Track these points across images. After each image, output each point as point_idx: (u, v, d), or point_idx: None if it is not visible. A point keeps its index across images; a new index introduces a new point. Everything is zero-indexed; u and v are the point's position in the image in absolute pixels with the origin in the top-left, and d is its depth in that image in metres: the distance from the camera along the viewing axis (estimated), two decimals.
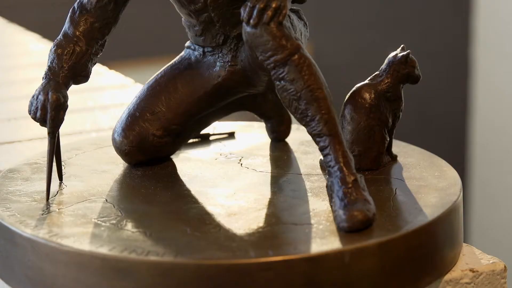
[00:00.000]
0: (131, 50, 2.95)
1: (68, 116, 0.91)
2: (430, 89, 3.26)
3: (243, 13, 0.83)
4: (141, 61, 3.03)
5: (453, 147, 3.45)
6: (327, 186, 0.82)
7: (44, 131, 0.90)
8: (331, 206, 0.81)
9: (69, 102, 0.90)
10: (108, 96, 1.49)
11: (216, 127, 1.07)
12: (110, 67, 1.71)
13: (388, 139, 0.94)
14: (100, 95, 1.48)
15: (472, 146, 3.42)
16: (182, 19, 0.96)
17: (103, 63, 1.64)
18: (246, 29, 0.83)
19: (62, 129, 0.91)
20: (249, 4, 0.82)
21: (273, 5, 0.82)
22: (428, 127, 3.42)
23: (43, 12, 2.87)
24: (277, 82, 0.83)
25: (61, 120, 0.89)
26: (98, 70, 1.60)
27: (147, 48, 3.06)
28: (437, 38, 3.42)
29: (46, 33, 2.03)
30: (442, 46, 3.43)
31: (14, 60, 1.82)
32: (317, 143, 0.82)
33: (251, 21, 0.82)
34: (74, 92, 0.95)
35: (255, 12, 0.82)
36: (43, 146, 1.16)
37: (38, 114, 0.89)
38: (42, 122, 0.89)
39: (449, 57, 3.44)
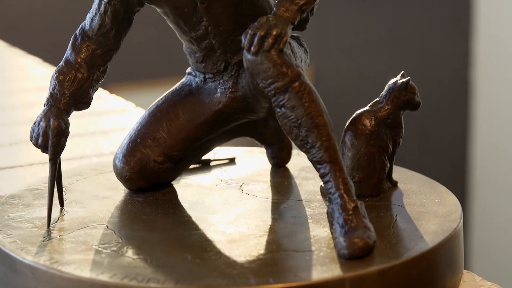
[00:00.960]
0: (132, 73, 2.95)
1: (69, 141, 0.91)
2: (430, 112, 3.26)
3: (244, 40, 0.83)
4: (142, 83, 3.03)
5: (454, 170, 3.45)
6: (327, 213, 0.82)
7: (45, 156, 0.90)
8: (332, 233, 0.81)
9: (70, 127, 0.91)
10: (109, 120, 1.49)
11: (216, 153, 1.08)
12: (111, 90, 1.72)
13: (389, 165, 0.94)
14: (101, 120, 1.49)
15: (472, 170, 3.42)
16: (183, 45, 0.96)
17: (104, 87, 1.64)
18: (247, 56, 0.83)
19: (63, 154, 0.91)
20: (250, 31, 0.83)
21: (274, 33, 0.82)
22: (429, 150, 3.42)
23: (44, 35, 2.88)
24: (278, 109, 0.83)
25: (62, 147, 0.89)
26: (99, 95, 1.61)
27: (148, 71, 3.06)
28: (437, 61, 3.42)
29: (47, 57, 2.04)
30: (442, 69, 3.43)
31: (15, 84, 1.82)
32: (317, 170, 0.82)
33: (252, 48, 0.82)
34: (75, 117, 0.96)
35: (255, 40, 0.82)
36: (44, 171, 1.17)
37: (40, 140, 0.89)
38: (44, 149, 0.89)
39: (449, 80, 3.44)
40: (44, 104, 0.91)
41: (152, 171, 0.95)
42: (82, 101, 0.93)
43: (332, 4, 3.18)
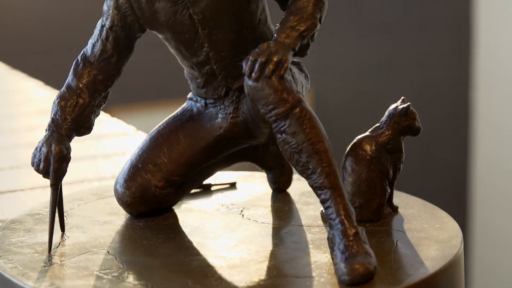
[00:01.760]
0: (133, 95, 2.96)
1: (70, 165, 0.92)
2: (431, 133, 3.27)
3: (245, 66, 0.84)
4: (143, 105, 3.04)
5: (454, 191, 3.45)
6: (328, 239, 0.82)
7: (46, 180, 0.91)
8: (332, 258, 0.81)
9: (71, 150, 0.91)
10: (110, 144, 1.50)
11: (217, 177, 1.08)
12: (112, 113, 1.72)
13: (389, 190, 0.94)
14: (102, 143, 1.49)
15: (473, 191, 3.42)
16: (185, 71, 0.97)
17: (105, 110, 1.65)
18: (248, 82, 0.84)
19: (64, 178, 0.91)
20: (250, 57, 0.83)
21: (275, 59, 0.83)
22: (429, 171, 3.42)
23: (45, 58, 2.89)
24: (279, 135, 0.83)
25: (63, 172, 0.90)
26: (100, 118, 1.60)
27: (149, 93, 3.07)
28: (437, 84, 3.43)
29: (49, 80, 2.05)
30: (443, 91, 3.44)
31: (16, 108, 1.83)
32: (318, 195, 0.83)
33: (253, 74, 0.83)
34: (77, 140, 0.96)
35: (256, 66, 0.83)
36: (45, 195, 1.17)
37: (41, 166, 0.89)
38: (45, 174, 0.90)
39: (450, 102, 3.45)
40: (46, 130, 0.92)
41: (153, 196, 0.95)
42: (84, 127, 0.93)
43: (332, 28, 3.19)
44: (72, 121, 0.92)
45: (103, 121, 1.63)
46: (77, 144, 0.96)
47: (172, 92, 2.81)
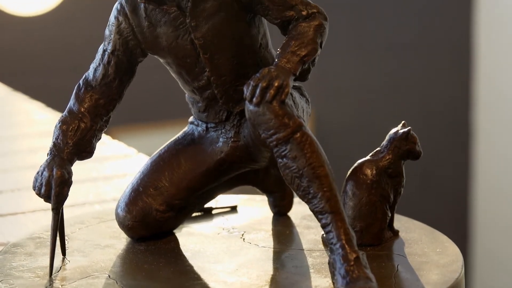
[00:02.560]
0: (133, 116, 2.96)
1: (71, 187, 0.92)
2: (431, 155, 3.27)
3: (246, 91, 0.84)
4: (143, 126, 3.04)
5: (455, 214, 3.44)
6: (329, 263, 0.82)
7: (47, 203, 0.91)
8: (333, 283, 0.81)
9: (72, 171, 0.91)
10: (111, 166, 1.50)
11: (218, 201, 1.08)
12: (113, 135, 1.72)
13: (390, 214, 0.94)
14: (103, 166, 1.49)
15: (474, 213, 3.42)
16: (186, 95, 0.97)
17: (106, 132, 1.65)
18: (249, 107, 0.84)
19: (66, 201, 0.92)
20: (251, 82, 0.84)
21: (276, 84, 0.83)
22: (430, 193, 3.42)
23: (47, 79, 2.90)
24: (279, 160, 0.84)
25: (65, 197, 0.90)
26: (101, 140, 1.60)
27: (150, 113, 3.07)
28: (437, 105, 3.44)
29: (50, 102, 2.05)
30: (443, 112, 3.45)
31: (18, 130, 1.83)
32: (319, 220, 0.83)
33: (254, 99, 0.83)
34: (78, 162, 0.96)
35: (257, 91, 0.83)
36: (46, 218, 1.17)
37: (43, 190, 0.90)
38: (47, 198, 0.90)
39: (450, 123, 3.45)
40: (47, 154, 0.92)
41: (154, 220, 0.96)
42: (85, 151, 0.93)
43: (333, 50, 3.20)
44: (73, 145, 0.92)
45: (104, 143, 1.63)
46: (78, 166, 0.96)
47: (172, 113, 2.81)
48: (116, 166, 1.50)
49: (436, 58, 3.42)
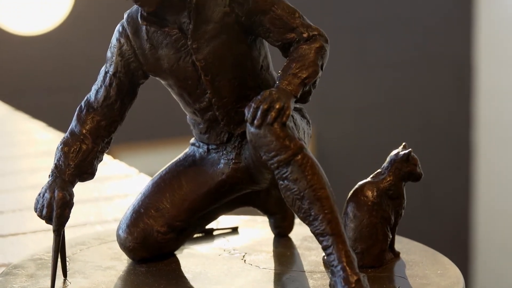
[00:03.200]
0: (134, 134, 2.97)
1: (72, 208, 0.92)
2: (432, 176, 3.27)
3: (247, 113, 0.84)
4: (144, 145, 3.04)
5: (456, 234, 3.44)
6: (330, 285, 0.83)
7: (48, 224, 0.91)
8: None
9: (74, 192, 0.92)
10: (112, 186, 1.50)
11: (219, 222, 1.08)
12: (114, 154, 1.72)
13: (391, 236, 0.94)
14: (104, 186, 1.49)
15: (475, 233, 3.42)
16: (187, 116, 0.98)
17: (107, 151, 1.65)
18: (250, 129, 0.84)
19: (67, 222, 0.92)
20: (253, 104, 0.84)
21: (277, 106, 0.83)
22: (431, 213, 3.42)
23: (48, 99, 2.90)
24: (281, 182, 0.84)
25: (66, 218, 0.90)
26: (102, 160, 1.61)
27: (150, 132, 3.08)
28: (438, 123, 3.44)
29: (51, 121, 2.06)
30: (444, 131, 3.45)
31: (19, 149, 1.83)
32: (320, 242, 0.83)
33: (255, 121, 0.84)
34: (79, 183, 0.96)
35: (259, 113, 0.83)
36: (48, 239, 1.17)
37: (44, 212, 0.90)
38: (48, 220, 0.90)
39: (451, 142, 3.46)
40: (49, 176, 0.92)
41: (155, 241, 0.96)
42: (87, 172, 0.94)
43: (333, 67, 3.21)
44: (75, 167, 0.93)
45: (105, 163, 1.63)
46: (79, 186, 0.96)
47: (174, 131, 2.82)
48: (117, 186, 1.50)
49: (437, 77, 3.43)
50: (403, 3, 3.37)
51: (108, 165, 1.63)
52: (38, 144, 1.86)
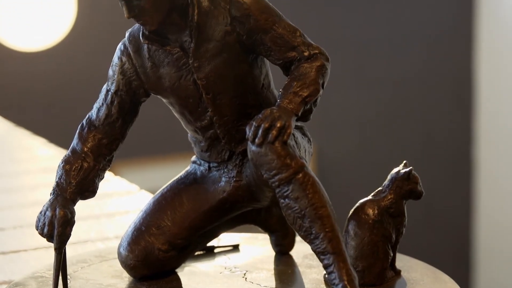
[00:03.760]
0: (136, 149, 2.97)
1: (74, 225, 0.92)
2: (433, 192, 3.27)
3: (248, 132, 0.85)
4: (146, 160, 3.04)
5: (457, 251, 3.43)
6: None
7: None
8: None
9: (75, 209, 0.92)
10: (114, 203, 1.50)
11: (221, 239, 1.08)
12: (116, 170, 1.72)
13: (392, 254, 0.94)
14: (105, 203, 1.50)
15: (476, 251, 3.41)
16: (188, 134, 0.98)
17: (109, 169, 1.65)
18: (251, 147, 0.85)
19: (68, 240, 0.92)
20: (254, 123, 0.84)
21: (278, 125, 0.84)
22: (432, 231, 3.41)
23: (50, 114, 2.90)
24: (282, 200, 0.84)
25: (68, 236, 0.90)
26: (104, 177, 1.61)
27: (152, 147, 3.08)
28: (439, 138, 3.44)
29: (53, 138, 2.06)
30: (444, 146, 3.45)
31: (20, 166, 1.84)
32: (321, 260, 0.83)
33: (256, 140, 0.84)
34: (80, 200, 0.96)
35: (260, 132, 0.84)
36: (49, 256, 1.17)
37: (46, 230, 0.90)
38: (49, 238, 0.90)
39: (452, 157, 3.46)
40: (50, 193, 0.93)
41: (156, 259, 0.96)
42: (88, 190, 0.94)
43: (334, 84, 3.21)
44: (76, 184, 0.93)
45: (107, 179, 1.63)
46: (80, 203, 0.97)
47: (175, 147, 2.82)
48: (118, 203, 1.51)
49: (437, 92, 3.43)
50: (404, 19, 3.38)
51: (109, 181, 1.63)
52: (39, 161, 1.86)
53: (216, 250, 1.06)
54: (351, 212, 0.94)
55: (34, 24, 2.73)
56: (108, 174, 1.65)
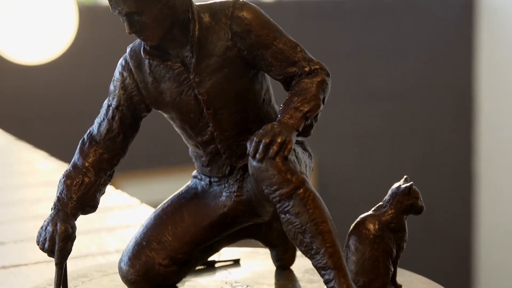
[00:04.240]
0: (137, 162, 2.97)
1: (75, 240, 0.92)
2: (434, 206, 3.27)
3: (249, 147, 0.85)
4: (147, 172, 3.05)
5: (459, 266, 3.43)
6: None
7: None
8: None
9: (76, 223, 0.92)
10: (114, 217, 1.50)
11: (221, 254, 1.08)
12: (117, 182, 1.72)
13: (393, 269, 0.94)
14: (106, 216, 1.49)
15: (478, 266, 3.41)
16: (189, 149, 0.98)
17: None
18: (252, 163, 0.85)
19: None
20: (255, 138, 0.85)
21: (279, 140, 0.84)
22: (433, 245, 3.41)
23: (51, 127, 2.91)
24: (282, 215, 0.84)
25: (68, 251, 0.90)
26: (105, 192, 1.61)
27: (153, 160, 3.08)
28: (439, 152, 3.44)
29: (54, 151, 2.06)
30: (445, 159, 3.45)
31: (21, 179, 1.84)
32: (322, 275, 0.83)
33: (257, 155, 0.84)
34: None
35: (261, 147, 0.84)
36: (49, 270, 1.17)
37: (46, 245, 0.90)
38: (50, 253, 0.90)
39: (452, 171, 3.45)
40: (51, 208, 0.93)
41: (157, 274, 0.96)
42: (89, 205, 0.94)
43: (334, 97, 3.22)
44: (77, 200, 0.93)
45: (107, 193, 1.63)
46: (81, 217, 0.97)
47: (176, 159, 2.82)
48: (119, 216, 1.51)
49: (438, 107, 3.44)
50: (404, 33, 3.39)
51: (110, 195, 1.63)
52: (40, 174, 1.87)
53: (217, 265, 1.06)
54: (352, 227, 0.94)
55: (35, 38, 2.73)
56: (108, 188, 1.65)
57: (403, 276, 0.99)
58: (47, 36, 2.76)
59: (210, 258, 1.04)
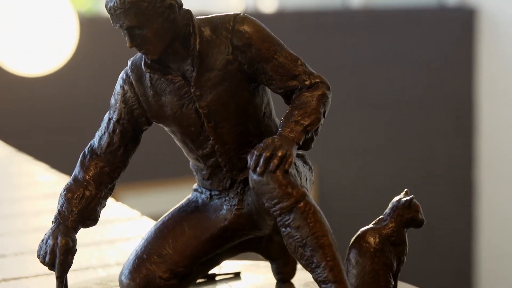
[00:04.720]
0: (137, 173, 2.97)
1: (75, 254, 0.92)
2: (435, 216, 3.26)
3: (250, 160, 0.85)
4: (147, 184, 3.05)
5: (459, 278, 3.43)
6: None
7: None
8: None
9: (76, 235, 0.92)
10: (115, 229, 1.50)
11: (222, 267, 1.08)
12: (117, 194, 1.72)
13: (393, 282, 0.94)
14: (106, 229, 1.49)
15: (478, 271, 3.40)
16: (190, 163, 0.98)
17: None
18: (253, 176, 0.85)
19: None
20: (255, 152, 0.85)
21: (279, 154, 0.84)
22: (433, 257, 3.41)
23: (51, 139, 2.91)
24: (283, 229, 0.84)
25: (69, 265, 0.91)
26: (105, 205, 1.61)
27: (153, 171, 3.08)
28: (440, 161, 3.44)
29: (55, 163, 2.06)
30: (445, 170, 3.45)
31: (22, 191, 1.84)
32: None
33: (258, 169, 0.84)
34: None
35: (261, 161, 0.84)
36: (50, 283, 1.17)
37: (47, 258, 0.90)
38: (51, 267, 0.91)
39: (453, 181, 3.45)
40: (52, 222, 0.93)
41: (157, 287, 0.96)
42: (90, 218, 0.94)
43: (335, 108, 3.22)
44: (78, 213, 0.93)
45: (108, 205, 1.63)
46: (81, 230, 0.96)
47: (176, 171, 2.82)
48: (119, 229, 1.50)
49: (438, 117, 3.44)
50: (404, 44, 3.39)
51: (110, 207, 1.63)
52: (41, 187, 1.86)
53: (217, 278, 1.06)
54: (352, 240, 0.94)
55: (36, 50, 2.74)
56: (109, 200, 1.65)
57: None
58: (48, 48, 2.77)
59: (211, 271, 1.04)
